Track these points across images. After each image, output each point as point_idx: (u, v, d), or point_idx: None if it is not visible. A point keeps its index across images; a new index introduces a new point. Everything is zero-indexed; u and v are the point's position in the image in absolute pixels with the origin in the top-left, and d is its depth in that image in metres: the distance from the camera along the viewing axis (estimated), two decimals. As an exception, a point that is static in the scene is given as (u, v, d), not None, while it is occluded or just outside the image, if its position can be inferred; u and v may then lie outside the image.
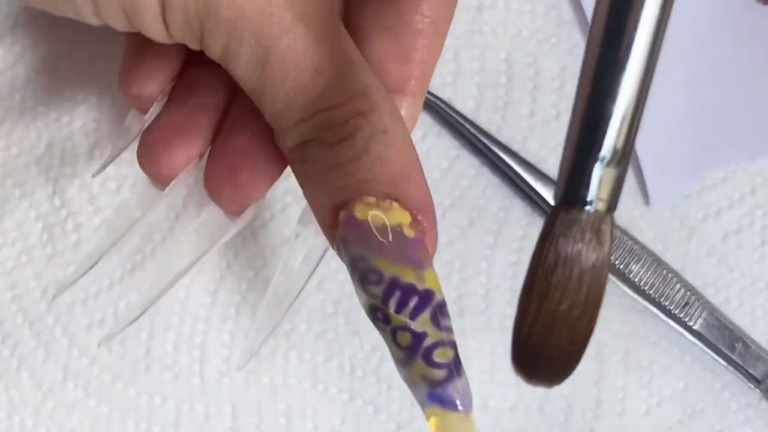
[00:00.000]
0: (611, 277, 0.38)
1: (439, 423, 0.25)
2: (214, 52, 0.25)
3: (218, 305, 0.38)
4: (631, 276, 0.37)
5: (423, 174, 0.26)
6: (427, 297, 0.24)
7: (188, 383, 0.37)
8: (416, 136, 0.38)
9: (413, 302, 0.24)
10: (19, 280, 0.37)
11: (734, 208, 0.39)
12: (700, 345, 0.37)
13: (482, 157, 0.38)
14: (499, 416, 0.38)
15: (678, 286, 0.37)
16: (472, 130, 0.38)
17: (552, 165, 0.39)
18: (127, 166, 0.37)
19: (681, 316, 0.37)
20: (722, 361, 0.37)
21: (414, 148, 0.27)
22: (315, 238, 0.30)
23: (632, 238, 0.38)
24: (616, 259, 0.37)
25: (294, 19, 0.24)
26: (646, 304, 0.37)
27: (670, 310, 0.37)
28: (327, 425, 0.37)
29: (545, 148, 0.39)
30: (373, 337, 0.38)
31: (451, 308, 0.38)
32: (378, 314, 0.24)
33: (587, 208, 0.19)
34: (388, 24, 0.29)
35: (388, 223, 0.24)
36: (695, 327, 0.37)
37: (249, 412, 0.37)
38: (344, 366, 0.38)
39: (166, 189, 0.28)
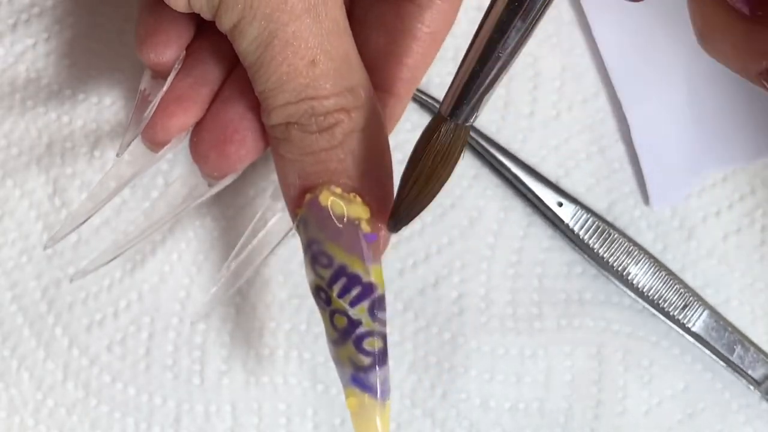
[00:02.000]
0: (611, 278, 0.38)
1: (356, 404, 0.27)
2: (224, 25, 0.27)
3: (218, 305, 0.38)
4: (630, 277, 0.37)
5: (391, 177, 0.28)
6: (369, 289, 0.27)
7: (188, 383, 0.37)
8: (415, 136, 0.38)
9: (356, 291, 0.26)
10: (19, 280, 0.37)
11: (734, 209, 0.39)
12: (700, 346, 0.37)
13: (482, 157, 0.38)
14: (499, 416, 0.38)
15: (677, 287, 0.37)
16: (472, 130, 0.38)
17: (552, 165, 0.39)
18: (127, 167, 0.37)
19: (680, 318, 0.37)
20: (722, 362, 0.37)
21: (389, 150, 0.29)
22: (283, 213, 0.32)
23: (631, 240, 0.38)
24: (616, 261, 0.37)
25: (304, 8, 0.26)
26: (646, 305, 0.37)
27: (669, 312, 0.37)
28: (327, 425, 0.37)
29: (545, 148, 0.39)
30: (373, 337, 0.38)
31: (450, 308, 0.38)
32: (321, 294, 0.27)
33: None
34: (389, 26, 0.30)
35: (347, 214, 0.27)
36: (694, 329, 0.37)
37: (249, 412, 0.37)
38: (344, 366, 0.38)
39: (159, 152, 0.30)
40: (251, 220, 0.38)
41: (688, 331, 0.37)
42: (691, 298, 0.37)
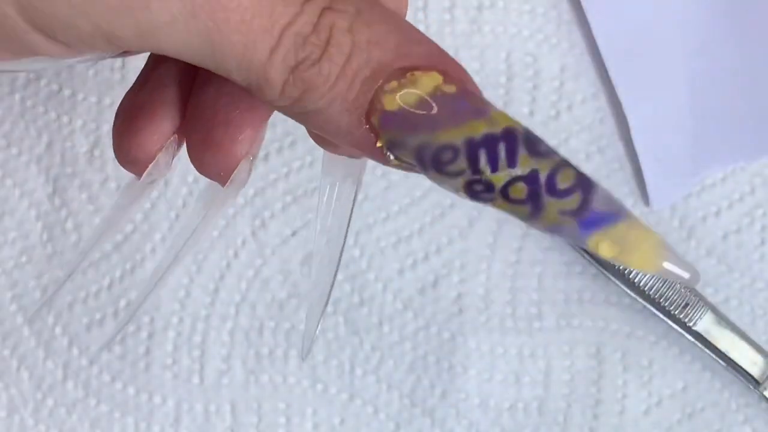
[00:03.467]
0: (611, 278, 0.38)
1: (609, 245, 0.21)
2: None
3: (218, 305, 0.38)
4: (630, 276, 0.37)
5: (418, 30, 0.23)
6: (511, 136, 0.21)
7: (188, 383, 0.37)
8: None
9: (502, 150, 0.20)
10: (19, 280, 0.37)
11: (734, 208, 0.39)
12: (700, 345, 0.37)
13: (482, 156, 0.38)
14: (499, 416, 0.38)
15: (677, 286, 0.37)
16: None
17: (552, 165, 0.39)
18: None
19: (681, 316, 0.37)
20: (722, 362, 0.37)
21: (397, 11, 0.23)
22: (344, 185, 0.27)
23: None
24: (616, 259, 0.37)
25: None
26: (646, 304, 0.37)
27: (669, 311, 0.37)
28: (327, 425, 0.38)
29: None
30: (373, 337, 0.38)
31: (450, 308, 0.38)
32: (477, 188, 0.21)
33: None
34: None
35: (423, 95, 0.21)
36: (695, 327, 0.37)
37: (249, 412, 0.37)
38: (344, 365, 0.38)
39: (143, 175, 0.26)
40: (252, 220, 0.38)
41: (687, 330, 0.37)
42: (691, 298, 0.37)
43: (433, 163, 0.21)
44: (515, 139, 0.21)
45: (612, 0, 0.39)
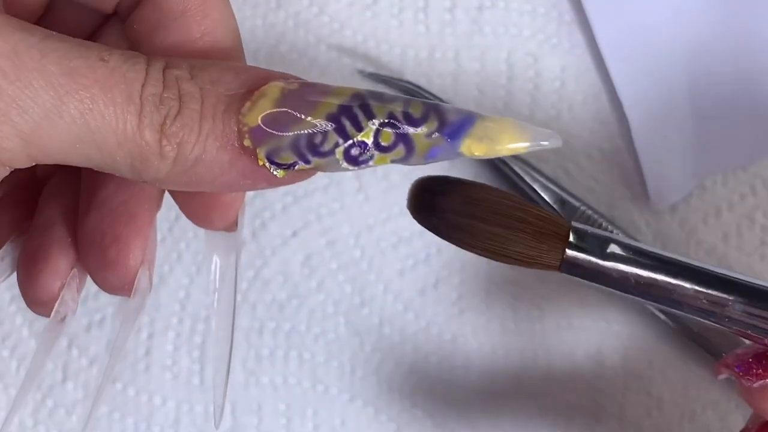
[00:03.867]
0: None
1: (479, 143, 0.23)
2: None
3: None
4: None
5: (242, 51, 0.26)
6: (359, 97, 0.23)
7: (188, 383, 0.37)
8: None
9: (358, 111, 0.23)
10: (18, 280, 0.37)
11: (734, 209, 0.39)
12: (700, 345, 0.38)
13: (482, 157, 0.38)
14: (499, 416, 0.38)
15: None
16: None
17: (552, 165, 0.39)
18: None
19: (681, 316, 0.37)
20: (722, 362, 0.38)
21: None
22: (225, 258, 0.29)
23: (632, 239, 0.38)
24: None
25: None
26: (646, 304, 0.37)
27: (670, 311, 0.37)
28: (327, 425, 0.37)
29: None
30: (374, 338, 0.38)
31: (450, 308, 0.38)
32: (354, 152, 0.23)
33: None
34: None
35: (275, 99, 0.23)
36: (695, 328, 0.37)
37: (249, 413, 0.37)
38: (344, 366, 0.38)
39: (52, 314, 0.27)
40: (252, 220, 0.38)
41: (688, 330, 0.37)
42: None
43: (310, 149, 0.23)
44: (363, 98, 0.23)
45: (613, 0, 0.39)
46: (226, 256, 0.29)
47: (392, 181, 0.38)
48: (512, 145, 0.23)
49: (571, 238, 0.25)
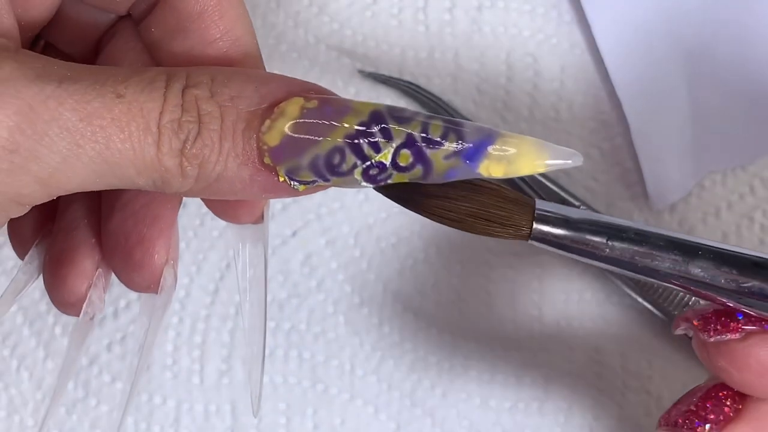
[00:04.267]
0: (611, 278, 0.38)
1: (497, 165, 0.23)
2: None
3: (218, 305, 0.38)
4: (631, 276, 0.37)
5: (268, 72, 0.25)
6: (378, 116, 0.23)
7: (188, 383, 0.37)
8: (416, 136, 0.38)
9: (377, 132, 0.23)
10: (19, 280, 0.37)
11: (733, 208, 0.39)
12: (700, 345, 0.38)
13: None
14: (500, 416, 0.38)
15: (677, 286, 0.37)
16: (472, 130, 0.38)
17: (552, 165, 0.39)
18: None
19: (680, 316, 0.37)
20: (722, 361, 0.37)
21: (249, 61, 0.26)
22: (254, 248, 0.29)
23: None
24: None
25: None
26: (646, 304, 0.37)
27: (669, 311, 0.37)
28: (327, 425, 0.38)
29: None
30: (373, 337, 0.38)
31: (450, 309, 0.38)
32: (373, 172, 0.23)
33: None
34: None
35: (294, 119, 0.23)
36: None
37: (248, 412, 0.37)
38: (344, 366, 0.38)
39: (81, 315, 0.27)
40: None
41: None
42: (691, 298, 0.37)
43: (328, 169, 0.23)
44: (382, 117, 0.23)
45: (612, 0, 0.39)
46: (254, 246, 0.29)
47: (392, 181, 0.38)
48: (531, 166, 0.23)
49: (537, 206, 0.25)
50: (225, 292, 0.38)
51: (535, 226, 0.25)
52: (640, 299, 0.38)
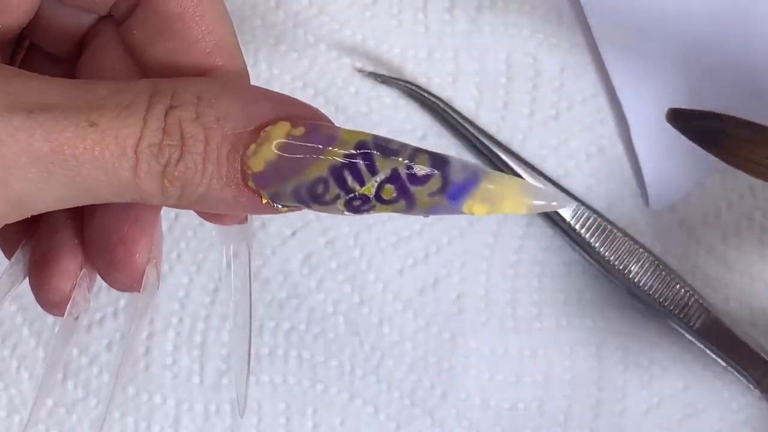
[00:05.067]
0: (611, 278, 0.38)
1: (480, 205, 0.23)
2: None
3: (218, 305, 0.38)
4: (630, 276, 0.37)
5: (259, 88, 0.25)
6: (363, 148, 0.23)
7: (188, 382, 0.37)
8: (416, 135, 0.39)
9: (361, 164, 0.23)
10: (19, 280, 0.37)
11: (734, 209, 0.39)
12: (700, 345, 0.37)
13: (482, 157, 0.38)
14: (499, 416, 0.38)
15: (678, 286, 0.37)
16: (472, 130, 0.38)
17: (552, 165, 0.39)
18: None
19: (681, 316, 0.37)
20: (722, 362, 0.37)
21: (238, 72, 0.26)
22: (238, 249, 0.30)
23: (632, 239, 0.38)
24: (616, 260, 0.37)
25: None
26: (646, 304, 0.37)
27: (670, 311, 0.37)
28: (327, 425, 0.37)
29: (545, 147, 0.39)
30: (373, 337, 0.38)
31: (450, 308, 0.38)
32: (356, 203, 0.23)
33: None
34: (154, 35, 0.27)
35: (276, 149, 0.23)
36: (695, 327, 0.37)
37: (248, 412, 0.37)
38: (344, 366, 0.38)
39: (65, 314, 0.27)
40: (252, 219, 0.38)
41: (688, 330, 0.37)
42: (691, 298, 0.37)
43: (311, 198, 0.23)
44: (369, 149, 0.23)
45: (612, 0, 0.39)
46: (238, 246, 0.29)
47: (392, 181, 0.38)
48: (514, 208, 0.23)
49: None
50: (225, 292, 0.38)
51: None
52: (640, 299, 0.37)
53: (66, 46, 0.28)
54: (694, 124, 0.25)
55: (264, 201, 0.23)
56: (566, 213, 0.38)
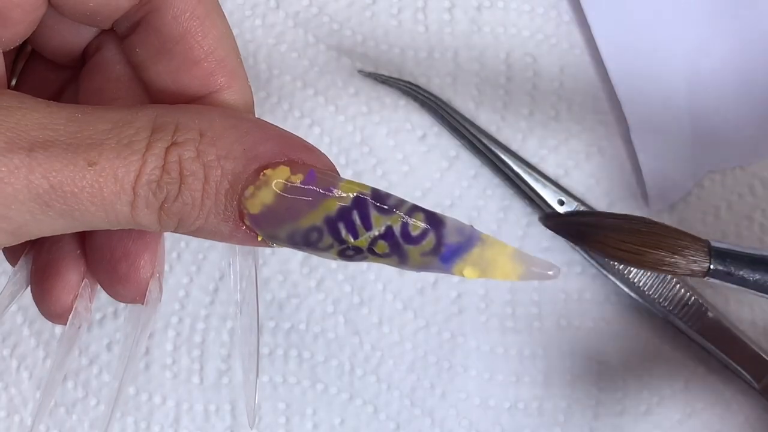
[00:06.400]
0: (611, 278, 0.38)
1: (471, 269, 0.24)
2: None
3: (218, 305, 0.38)
4: (631, 276, 0.37)
5: (262, 124, 0.25)
6: (361, 202, 0.23)
7: (188, 382, 0.37)
8: (416, 135, 0.39)
9: (357, 218, 0.23)
10: (19, 280, 0.37)
11: (732, 208, 0.39)
12: (700, 345, 0.37)
13: (482, 157, 0.38)
14: (499, 416, 0.38)
15: (678, 286, 0.37)
16: (472, 130, 0.38)
17: (552, 165, 0.39)
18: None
19: (681, 316, 0.37)
20: (722, 362, 0.37)
21: (242, 102, 0.26)
22: (244, 260, 0.29)
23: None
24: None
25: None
26: (646, 304, 0.37)
27: (670, 311, 0.37)
28: (326, 424, 0.38)
29: (545, 147, 0.39)
30: (373, 337, 0.38)
31: (450, 308, 0.38)
32: (348, 253, 0.24)
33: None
34: (159, 49, 0.27)
35: (277, 192, 0.23)
36: (695, 327, 0.37)
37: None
38: (344, 365, 0.38)
39: (67, 325, 0.28)
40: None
41: (688, 330, 0.37)
42: (691, 297, 0.37)
43: (305, 244, 0.24)
44: (365, 204, 0.23)
45: (612, 0, 0.39)
46: (245, 258, 0.29)
47: (392, 181, 0.38)
48: (506, 277, 0.24)
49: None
50: (225, 292, 0.38)
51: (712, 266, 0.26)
52: (640, 299, 0.37)
53: (68, 57, 0.28)
54: (564, 221, 0.26)
55: (259, 239, 0.24)
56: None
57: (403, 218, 0.23)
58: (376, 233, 0.23)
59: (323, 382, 0.38)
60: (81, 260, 0.28)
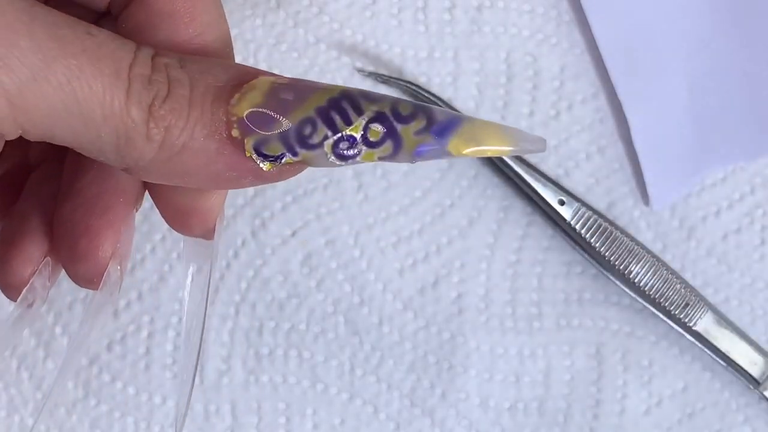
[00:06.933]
0: (611, 277, 0.38)
1: (466, 143, 0.23)
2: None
3: (218, 305, 0.38)
4: (630, 276, 0.37)
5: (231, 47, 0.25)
6: (348, 94, 0.23)
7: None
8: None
9: (347, 106, 0.23)
10: (19, 280, 0.37)
11: (734, 208, 0.39)
12: (700, 345, 0.37)
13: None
14: (499, 416, 0.38)
15: (678, 286, 0.37)
16: (472, 129, 0.38)
17: (552, 165, 0.39)
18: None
19: (681, 316, 0.37)
20: (722, 362, 0.37)
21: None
22: (200, 267, 0.29)
23: (633, 238, 0.38)
24: (616, 260, 0.37)
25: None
26: (646, 304, 0.37)
27: (669, 311, 0.37)
28: (326, 425, 0.38)
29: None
30: (373, 337, 0.38)
31: (450, 308, 0.38)
32: (343, 146, 0.23)
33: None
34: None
35: (265, 91, 0.23)
36: (695, 327, 0.37)
37: (248, 412, 0.37)
38: (344, 365, 0.38)
39: (19, 299, 0.27)
40: (252, 220, 0.38)
41: (688, 330, 0.37)
42: (691, 298, 0.37)
43: (298, 141, 0.23)
44: (353, 95, 0.23)
45: (612, 0, 0.39)
46: (200, 264, 0.29)
47: (391, 181, 0.38)
48: (498, 147, 0.23)
49: None
50: (225, 292, 0.38)
51: None
52: (640, 299, 0.37)
53: None
54: None
55: (248, 154, 0.23)
56: (566, 213, 0.38)
57: (392, 102, 0.23)
58: (369, 116, 0.23)
59: (323, 382, 0.38)
60: (45, 239, 0.27)
